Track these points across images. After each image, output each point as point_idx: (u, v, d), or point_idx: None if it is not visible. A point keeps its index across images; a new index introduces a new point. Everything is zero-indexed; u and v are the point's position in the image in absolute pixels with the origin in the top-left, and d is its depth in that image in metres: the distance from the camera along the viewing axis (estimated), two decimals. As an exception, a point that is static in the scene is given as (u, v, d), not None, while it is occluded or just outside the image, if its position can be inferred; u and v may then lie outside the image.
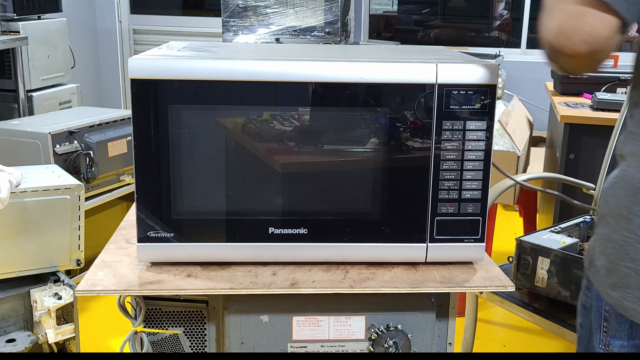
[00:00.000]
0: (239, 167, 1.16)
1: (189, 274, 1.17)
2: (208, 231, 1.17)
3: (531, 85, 4.32)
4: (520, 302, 1.83)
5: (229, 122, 1.14)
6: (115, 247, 1.27)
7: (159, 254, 1.18)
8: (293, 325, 1.21)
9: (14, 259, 2.03)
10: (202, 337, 1.23)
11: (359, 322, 1.22)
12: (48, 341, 2.01)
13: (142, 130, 1.12)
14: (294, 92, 1.13)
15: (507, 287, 1.18)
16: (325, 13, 3.86)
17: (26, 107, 3.47)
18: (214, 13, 4.73)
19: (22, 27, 3.42)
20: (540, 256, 1.76)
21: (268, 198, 1.17)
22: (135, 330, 1.19)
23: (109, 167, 2.96)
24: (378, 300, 1.21)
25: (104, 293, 1.11)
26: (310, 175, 1.17)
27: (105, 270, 1.18)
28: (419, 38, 5.45)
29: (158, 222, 1.16)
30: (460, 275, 1.20)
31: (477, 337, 2.08)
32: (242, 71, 1.11)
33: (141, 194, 1.14)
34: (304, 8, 3.86)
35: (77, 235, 2.14)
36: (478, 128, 1.16)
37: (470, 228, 1.20)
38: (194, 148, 1.14)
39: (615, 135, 2.11)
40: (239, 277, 1.16)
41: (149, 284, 1.13)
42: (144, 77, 1.10)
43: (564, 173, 2.55)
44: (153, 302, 1.20)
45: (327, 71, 1.12)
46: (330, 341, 1.23)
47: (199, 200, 1.17)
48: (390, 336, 1.22)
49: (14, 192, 1.97)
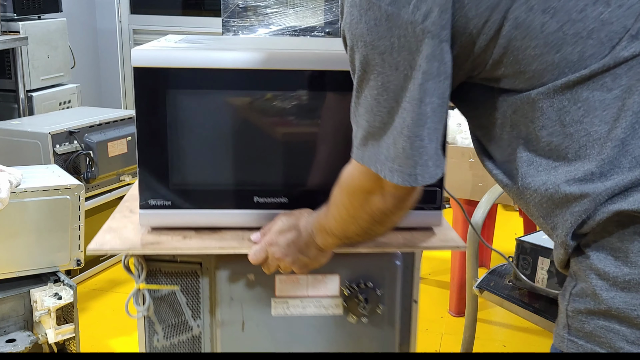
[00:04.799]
0: (228, 143, 1.33)
1: (185, 237, 1.34)
2: (201, 200, 1.35)
3: (531, 85, 4.32)
4: (520, 302, 1.83)
5: (219, 104, 1.32)
6: (120, 215, 1.45)
7: (158, 219, 1.35)
8: (276, 282, 1.39)
9: (14, 259, 2.03)
10: (196, 294, 1.40)
11: (333, 280, 1.39)
12: (48, 341, 2.01)
13: (143, 112, 1.30)
14: (278, 78, 1.29)
15: (459, 247, 1.35)
16: (325, 13, 3.85)
17: (26, 107, 3.47)
18: (214, 13, 4.73)
19: (22, 27, 3.42)
20: (540, 256, 1.77)
21: (253, 171, 1.35)
22: (139, 287, 1.38)
23: (109, 167, 2.96)
24: (351, 261, 1.38)
25: (111, 252, 1.31)
26: (289, 151, 1.35)
27: (111, 234, 1.36)
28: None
29: (157, 191, 1.33)
30: (420, 238, 1.37)
31: (477, 337, 2.08)
32: (229, 60, 1.28)
33: (142, 168, 1.32)
34: (304, 8, 3.86)
35: (77, 235, 2.14)
36: None
37: (429, 197, 1.34)
38: (189, 128, 1.31)
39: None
40: (228, 240, 1.34)
41: (149, 244, 1.32)
42: (145, 65, 1.27)
43: (564, 173, 2.54)
44: (153, 264, 1.38)
45: (311, 59, 1.29)
46: (308, 297, 1.40)
47: (193, 173, 1.34)
48: (360, 292, 1.38)
49: (14, 192, 1.97)
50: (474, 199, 2.44)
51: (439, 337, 2.59)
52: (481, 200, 1.98)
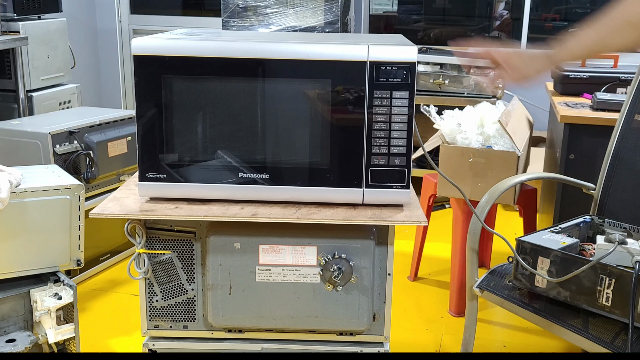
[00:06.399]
0: (217, 125, 1.51)
1: (177, 207, 1.54)
2: (192, 174, 1.53)
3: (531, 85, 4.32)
4: (520, 302, 1.83)
5: (209, 89, 1.48)
6: (125, 188, 1.68)
7: (154, 191, 1.55)
8: (260, 252, 1.56)
9: (14, 259, 2.03)
10: (190, 259, 1.60)
11: (311, 251, 1.55)
12: (48, 341, 2.01)
13: (141, 95, 1.48)
14: (259, 66, 1.47)
15: (421, 222, 1.50)
16: (325, 13, 3.85)
17: (26, 107, 3.47)
18: (214, 13, 4.73)
19: (22, 27, 3.42)
20: (540, 256, 1.76)
21: (239, 149, 1.52)
22: (139, 252, 1.58)
23: (109, 167, 2.96)
24: (327, 233, 1.55)
25: (111, 216, 1.51)
26: (270, 132, 1.51)
27: (114, 202, 1.57)
28: (419, 38, 5.44)
29: (154, 166, 1.52)
30: (388, 214, 1.52)
31: (477, 337, 2.08)
32: (217, 49, 1.46)
33: (141, 145, 1.51)
34: (304, 8, 3.85)
35: (77, 235, 2.14)
36: (402, 97, 1.48)
37: (398, 177, 1.52)
38: (182, 109, 1.49)
39: (615, 136, 2.11)
40: (214, 210, 1.52)
41: (146, 211, 1.52)
42: (143, 53, 1.46)
43: (564, 173, 2.55)
44: (153, 232, 1.58)
45: (284, 50, 1.46)
46: (289, 266, 1.57)
47: (184, 150, 1.52)
48: (335, 263, 1.55)
49: (14, 192, 1.97)
50: (474, 199, 2.44)
51: (439, 337, 2.59)
52: (481, 200, 1.98)
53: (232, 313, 1.59)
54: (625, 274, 1.60)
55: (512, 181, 2.06)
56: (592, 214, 2.10)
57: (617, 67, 2.99)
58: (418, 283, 3.06)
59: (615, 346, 1.60)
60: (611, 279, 1.61)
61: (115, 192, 1.65)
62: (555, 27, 5.18)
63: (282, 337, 1.63)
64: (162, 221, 1.57)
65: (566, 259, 1.71)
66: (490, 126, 2.67)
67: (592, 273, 1.65)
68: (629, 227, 1.97)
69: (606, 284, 1.62)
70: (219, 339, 1.64)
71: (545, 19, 5.18)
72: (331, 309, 1.58)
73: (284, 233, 1.55)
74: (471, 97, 3.78)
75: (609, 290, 1.62)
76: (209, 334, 1.64)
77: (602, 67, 3.01)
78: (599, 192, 2.11)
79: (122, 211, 1.52)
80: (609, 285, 1.62)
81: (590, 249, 1.86)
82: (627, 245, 1.70)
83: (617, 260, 1.67)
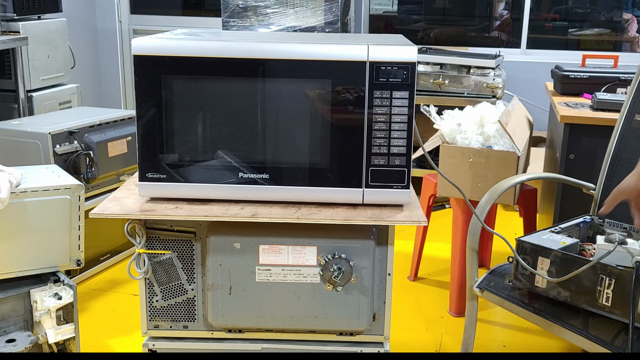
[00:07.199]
0: (217, 125, 1.50)
1: (177, 207, 1.53)
2: (192, 174, 1.53)
3: (531, 85, 4.32)
4: (520, 302, 1.83)
5: (209, 89, 1.48)
6: (125, 188, 1.68)
7: (154, 190, 1.55)
8: (260, 252, 1.56)
9: (14, 259, 2.03)
10: (190, 259, 1.60)
11: (311, 251, 1.55)
12: (48, 341, 2.01)
13: (141, 95, 1.48)
14: (259, 66, 1.46)
15: (421, 222, 1.49)
16: (325, 13, 3.85)
17: (26, 107, 3.47)
18: (214, 13, 4.73)
19: (22, 27, 3.42)
20: (540, 256, 1.76)
21: (239, 149, 1.51)
22: (139, 252, 1.58)
23: (109, 167, 2.96)
24: (327, 233, 1.54)
25: (111, 216, 1.51)
26: (270, 132, 1.51)
27: (114, 202, 1.57)
28: (419, 38, 5.44)
29: (154, 166, 1.52)
30: (388, 214, 1.52)
31: (477, 337, 2.08)
32: (217, 49, 1.46)
33: (141, 145, 1.51)
34: (304, 8, 3.85)
35: (77, 235, 2.14)
36: (402, 97, 1.48)
37: (398, 177, 1.51)
38: (182, 109, 1.49)
39: (615, 136, 2.11)
40: (214, 210, 1.52)
41: (146, 211, 1.52)
42: (143, 53, 1.46)
43: (564, 173, 2.55)
44: (153, 232, 1.58)
45: (284, 50, 1.46)
46: (289, 266, 1.56)
47: (185, 150, 1.51)
48: (335, 263, 1.54)
49: (14, 192, 1.97)
50: (474, 199, 2.44)
51: (439, 337, 2.59)
52: (481, 200, 1.98)
53: (232, 313, 1.59)
54: (625, 274, 1.60)
55: (512, 181, 2.06)
56: (592, 214, 2.10)
57: (617, 67, 2.99)
58: (418, 283, 3.06)
59: (615, 346, 1.60)
60: (611, 279, 1.61)
61: (115, 192, 1.65)
62: (555, 27, 5.18)
63: (282, 337, 1.63)
64: (162, 221, 1.57)
65: (566, 259, 1.71)
66: (490, 126, 2.67)
67: (592, 273, 1.65)
68: (629, 227, 1.97)
69: (606, 284, 1.62)
70: (219, 339, 1.64)
71: (545, 19, 5.18)
72: (331, 309, 1.59)
73: (284, 233, 1.55)
74: (471, 97, 3.78)
75: (609, 290, 1.62)
76: (209, 334, 1.64)
77: (602, 67, 3.01)
78: (599, 192, 2.11)
79: (122, 211, 1.52)
80: (609, 285, 1.62)
81: (590, 249, 1.86)
82: (627, 245, 1.70)
83: (617, 260, 1.67)
